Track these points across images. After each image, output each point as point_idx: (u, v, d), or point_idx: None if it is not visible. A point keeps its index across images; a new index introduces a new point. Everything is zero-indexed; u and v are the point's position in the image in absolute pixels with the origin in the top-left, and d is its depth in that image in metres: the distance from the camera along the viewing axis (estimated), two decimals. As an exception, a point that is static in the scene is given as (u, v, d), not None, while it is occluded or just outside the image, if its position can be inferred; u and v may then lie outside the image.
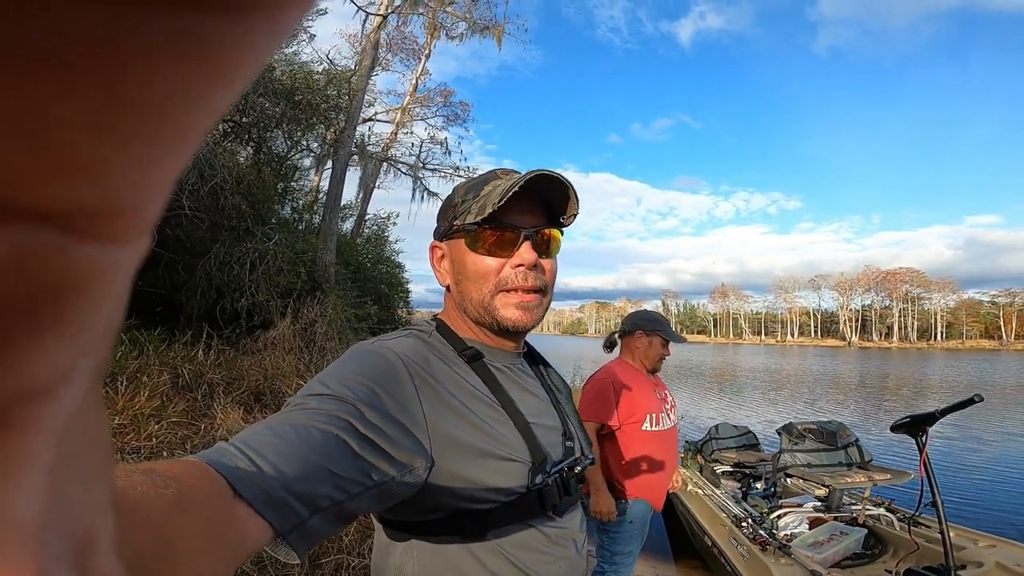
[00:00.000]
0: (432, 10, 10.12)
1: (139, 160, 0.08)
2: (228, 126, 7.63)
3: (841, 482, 3.25)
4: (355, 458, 0.53)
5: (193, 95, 0.08)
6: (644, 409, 2.22)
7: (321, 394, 0.57)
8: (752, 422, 8.42)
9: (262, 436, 0.49)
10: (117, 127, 0.08)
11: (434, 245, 0.82)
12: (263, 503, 0.43)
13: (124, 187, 0.08)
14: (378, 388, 0.61)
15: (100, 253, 0.09)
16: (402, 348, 0.70)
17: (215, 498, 0.40)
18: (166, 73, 0.08)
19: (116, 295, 0.10)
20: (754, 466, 4.35)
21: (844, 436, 3.69)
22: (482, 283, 0.75)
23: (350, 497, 0.52)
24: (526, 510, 0.71)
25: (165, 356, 4.46)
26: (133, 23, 0.07)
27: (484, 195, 0.74)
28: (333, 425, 0.53)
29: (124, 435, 2.72)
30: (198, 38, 0.08)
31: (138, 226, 0.09)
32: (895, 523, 3.10)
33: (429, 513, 0.67)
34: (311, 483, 0.48)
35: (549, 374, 0.92)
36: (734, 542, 3.04)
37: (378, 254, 12.66)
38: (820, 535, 2.98)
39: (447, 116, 14.78)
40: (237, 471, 0.43)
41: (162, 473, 0.35)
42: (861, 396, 17.40)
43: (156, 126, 0.08)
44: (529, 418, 0.75)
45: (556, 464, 0.75)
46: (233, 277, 6.23)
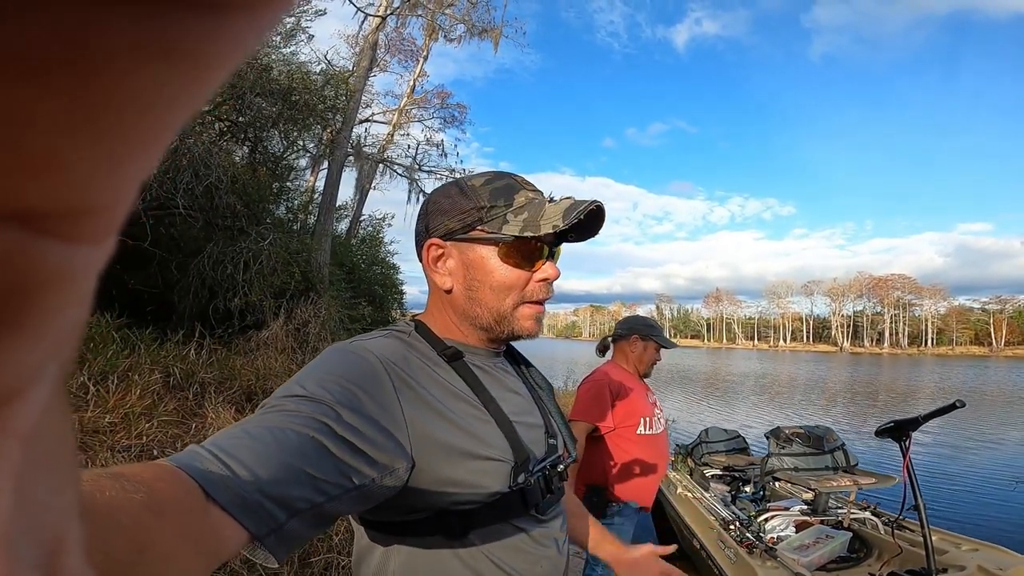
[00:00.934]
0: (431, 12, 10.16)
1: (108, 159, 0.08)
2: (224, 125, 7.62)
3: (827, 485, 3.29)
4: (333, 460, 0.53)
5: (166, 94, 0.08)
6: (639, 413, 2.25)
7: (297, 395, 0.57)
8: (742, 425, 8.48)
9: (236, 439, 0.48)
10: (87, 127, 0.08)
11: (433, 243, 0.77)
12: (237, 507, 0.43)
13: (93, 187, 0.08)
14: (356, 389, 0.60)
15: (68, 253, 0.09)
16: (380, 348, 0.69)
17: (187, 502, 0.40)
18: (138, 72, 0.08)
19: (82, 295, 0.10)
20: (743, 470, 4.38)
21: (831, 440, 3.74)
22: (506, 294, 0.75)
23: (329, 499, 0.52)
24: (509, 509, 0.71)
25: (157, 355, 4.45)
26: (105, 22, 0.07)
27: (523, 207, 0.74)
28: (309, 427, 0.52)
29: (115, 433, 2.72)
30: (172, 37, 0.08)
31: (106, 226, 0.09)
32: (880, 527, 3.14)
33: (411, 513, 0.67)
34: (287, 486, 0.48)
35: (531, 372, 0.91)
36: (722, 544, 3.08)
37: (373, 255, 12.65)
38: (806, 538, 3.01)
39: (444, 118, 14.87)
40: (209, 475, 0.43)
41: (131, 477, 0.34)
42: (850, 401, 17.54)
43: (127, 125, 0.08)
44: (511, 416, 0.74)
45: (539, 462, 0.75)
46: (226, 276, 6.22)
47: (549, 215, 0.72)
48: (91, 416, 2.78)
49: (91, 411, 2.82)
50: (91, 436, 2.65)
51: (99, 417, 2.80)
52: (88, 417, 2.77)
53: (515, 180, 0.78)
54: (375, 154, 12.61)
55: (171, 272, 6.46)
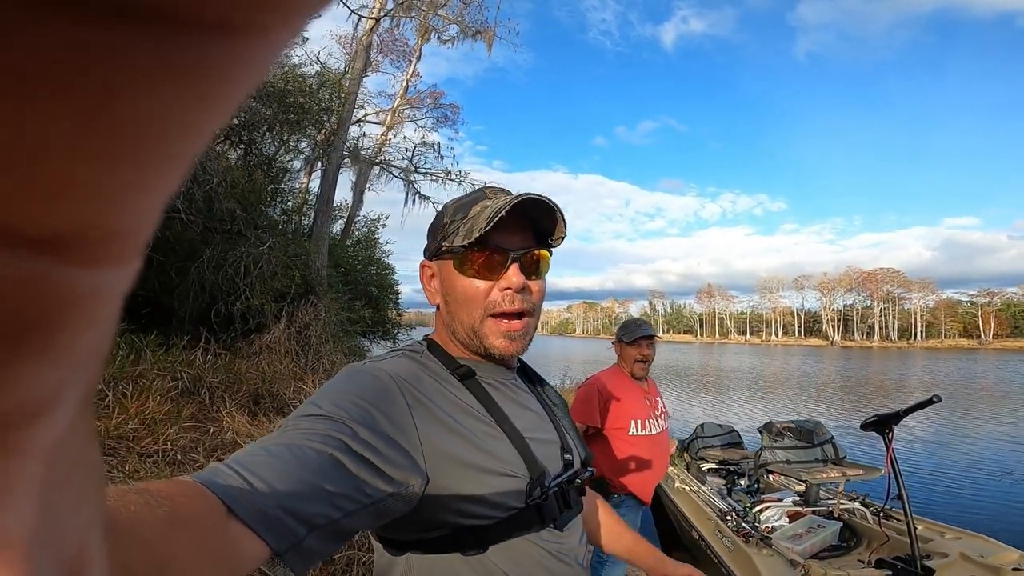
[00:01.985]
0: (424, 13, 10.20)
1: (129, 184, 0.08)
2: (220, 128, 7.63)
3: (817, 477, 3.44)
4: (350, 476, 0.54)
5: (185, 118, 0.08)
6: (628, 416, 2.38)
7: (314, 415, 0.58)
8: (734, 418, 8.66)
9: (256, 456, 0.50)
10: (107, 151, 0.08)
11: (424, 264, 0.81)
12: (258, 522, 0.44)
13: (114, 211, 0.08)
14: (371, 407, 0.61)
15: (91, 277, 0.09)
16: (394, 368, 0.70)
17: (209, 517, 0.41)
18: (158, 96, 0.08)
19: (107, 317, 0.10)
20: (738, 463, 4.53)
21: (820, 434, 3.89)
22: (471, 307, 0.75)
23: (346, 515, 0.53)
24: (525, 525, 0.71)
25: (164, 361, 4.51)
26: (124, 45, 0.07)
27: (472, 217, 0.73)
28: (327, 444, 0.54)
29: (140, 439, 2.80)
30: (190, 60, 0.08)
31: (129, 249, 0.09)
32: (868, 516, 3.28)
33: (427, 531, 0.67)
34: (306, 502, 0.49)
35: (545, 390, 0.92)
36: (719, 535, 3.21)
37: (368, 256, 12.70)
38: (799, 528, 3.15)
39: (437, 118, 14.88)
40: (231, 490, 0.44)
41: (155, 493, 0.35)
42: (840, 396, 17.82)
43: (147, 149, 0.08)
44: (525, 433, 0.75)
45: (555, 478, 0.75)
46: (227, 280, 6.25)
47: (481, 219, 0.71)
48: (116, 423, 2.87)
49: (115, 418, 2.90)
50: (117, 442, 2.72)
51: (123, 423, 2.88)
52: (113, 424, 2.85)
53: (483, 192, 0.78)
54: (371, 156, 12.64)
55: (169, 276, 6.49)
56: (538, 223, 0.77)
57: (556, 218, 0.74)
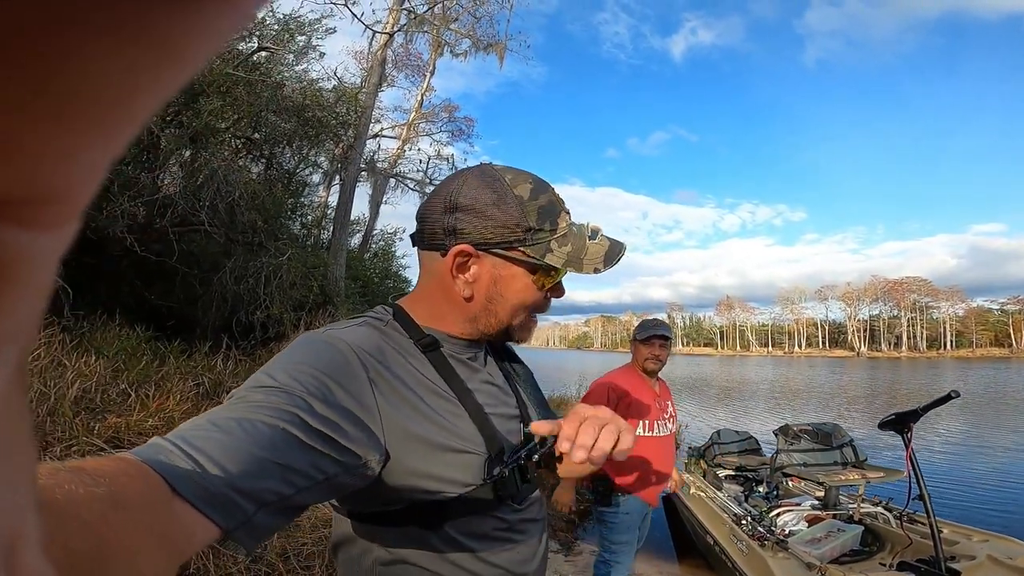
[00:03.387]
0: (437, 28, 10.43)
1: (70, 146, 0.08)
2: (241, 142, 7.89)
3: (836, 480, 3.36)
4: (303, 452, 0.52)
5: (134, 82, 0.08)
6: (638, 416, 2.39)
7: (267, 386, 0.55)
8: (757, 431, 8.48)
9: (203, 431, 0.47)
10: (49, 112, 0.07)
11: (463, 250, 0.72)
12: (204, 501, 0.43)
13: (53, 173, 0.08)
14: (328, 380, 0.59)
15: (27, 239, 0.08)
16: (355, 338, 0.67)
17: (152, 496, 0.39)
18: (106, 58, 0.07)
19: (41, 283, 0.09)
20: (755, 470, 4.44)
21: (839, 436, 3.80)
22: (522, 312, 0.76)
23: (299, 491, 0.51)
24: (484, 501, 0.70)
25: (187, 366, 4.64)
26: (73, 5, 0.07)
27: (565, 236, 0.74)
28: (280, 419, 0.52)
29: (157, 434, 2.87)
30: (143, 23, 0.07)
31: (65, 212, 0.09)
32: (891, 520, 3.19)
33: (386, 505, 0.67)
34: (256, 479, 0.47)
35: (512, 364, 0.91)
36: (734, 538, 3.15)
37: (386, 269, 12.88)
38: (818, 532, 3.08)
39: (452, 131, 15.13)
40: (175, 469, 0.42)
41: (92, 471, 0.33)
42: (866, 402, 17.33)
43: (91, 112, 0.08)
44: (486, 408, 0.74)
45: (514, 452, 0.73)
46: (248, 291, 6.42)
47: (592, 255, 0.74)
48: (137, 419, 2.97)
49: (136, 415, 3.00)
50: (137, 437, 2.82)
51: (143, 420, 2.99)
52: (134, 420, 2.95)
53: (554, 197, 0.76)
54: (387, 169, 12.87)
55: (194, 287, 6.68)
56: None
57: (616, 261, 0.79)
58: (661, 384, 2.63)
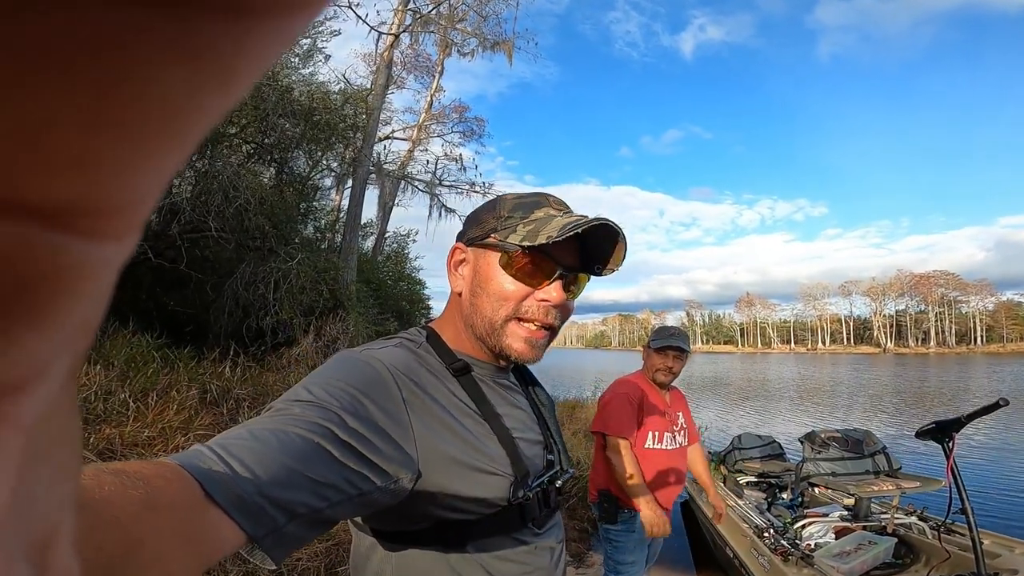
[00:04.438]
0: (443, 28, 10.37)
1: (131, 160, 0.08)
2: (251, 147, 7.91)
3: (868, 491, 3.16)
4: (336, 466, 0.53)
5: (193, 98, 0.08)
6: (647, 427, 2.24)
7: (304, 400, 0.57)
8: (781, 433, 8.22)
9: (240, 440, 0.48)
10: (114, 128, 0.08)
11: (458, 247, 0.79)
12: (236, 507, 0.43)
13: (114, 185, 0.08)
14: (363, 397, 0.60)
15: (86, 249, 0.09)
16: (390, 358, 0.68)
17: (186, 500, 0.40)
18: (166, 75, 0.08)
19: (99, 292, 0.10)
20: (779, 476, 4.25)
21: (870, 444, 3.58)
22: (500, 305, 0.74)
23: (331, 505, 0.52)
24: (507, 523, 0.72)
25: (195, 373, 4.62)
26: (137, 23, 0.07)
27: (536, 220, 0.73)
28: (315, 432, 0.53)
29: (153, 447, 2.83)
30: (202, 42, 0.08)
31: (127, 224, 0.09)
32: (927, 531, 3.00)
33: (411, 523, 0.67)
34: (289, 489, 0.48)
35: (535, 390, 0.92)
36: (755, 552, 2.98)
37: (399, 271, 12.87)
38: (846, 545, 2.89)
39: (463, 132, 15.04)
40: (210, 474, 0.43)
41: (131, 474, 0.35)
42: (896, 404, 16.79)
43: (152, 127, 0.08)
44: (514, 432, 0.75)
45: (538, 477, 0.76)
46: (258, 296, 6.42)
47: (550, 227, 0.70)
48: (131, 431, 2.90)
49: (131, 426, 2.94)
50: (130, 449, 2.76)
51: (138, 431, 2.92)
52: (128, 431, 2.89)
53: (545, 198, 0.77)
54: (396, 171, 12.86)
55: (207, 293, 6.71)
56: (590, 247, 0.77)
57: (617, 247, 0.74)
58: (674, 393, 2.45)
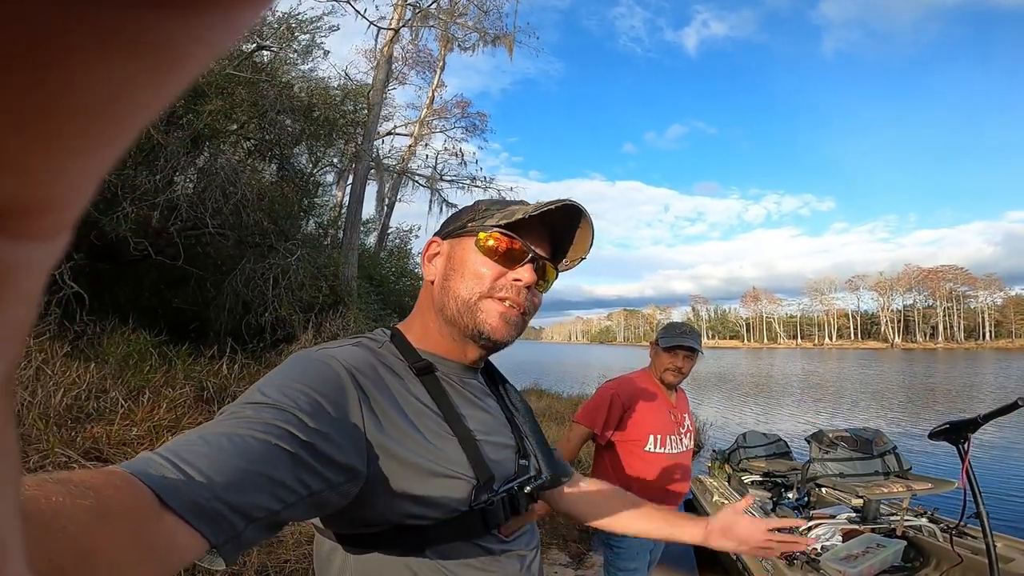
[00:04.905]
0: (443, 22, 10.26)
1: (61, 156, 0.08)
2: (252, 144, 7.85)
3: (876, 492, 3.06)
4: (291, 467, 0.52)
5: (127, 92, 0.08)
6: (647, 429, 2.10)
7: (258, 403, 0.56)
8: (787, 433, 8.12)
9: (193, 445, 0.47)
10: (39, 121, 0.07)
11: (433, 241, 0.82)
12: (193, 514, 0.42)
13: (44, 183, 0.08)
14: (318, 397, 0.59)
15: (19, 250, 0.08)
16: (347, 357, 0.68)
17: (139, 509, 0.39)
18: (98, 68, 0.07)
19: (29, 294, 0.09)
20: (785, 475, 4.15)
21: (880, 444, 3.48)
22: (475, 283, 0.74)
23: (286, 507, 0.51)
24: (467, 528, 0.70)
25: (191, 370, 4.57)
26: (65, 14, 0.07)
27: (511, 209, 0.76)
28: (270, 434, 0.52)
29: (140, 446, 2.77)
30: (136, 33, 0.07)
31: (55, 224, 0.09)
32: (938, 534, 2.91)
33: (367, 527, 0.66)
34: (246, 493, 0.47)
35: (508, 392, 0.90)
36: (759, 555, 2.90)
37: (401, 267, 12.81)
38: (854, 548, 2.80)
39: (465, 128, 14.95)
40: (164, 481, 0.42)
41: (79, 483, 0.34)
42: (906, 401, 16.61)
43: (83, 122, 0.08)
44: (477, 435, 0.73)
45: (505, 483, 0.74)
46: (257, 292, 6.38)
47: (524, 209, 0.74)
48: (118, 429, 2.84)
49: (118, 424, 2.89)
50: (117, 448, 2.71)
51: (126, 430, 2.87)
52: (115, 430, 2.83)
53: (523, 203, 0.80)
54: (396, 166, 12.78)
55: (208, 290, 6.68)
56: (559, 240, 0.80)
57: (583, 234, 0.79)
58: (679, 394, 2.34)
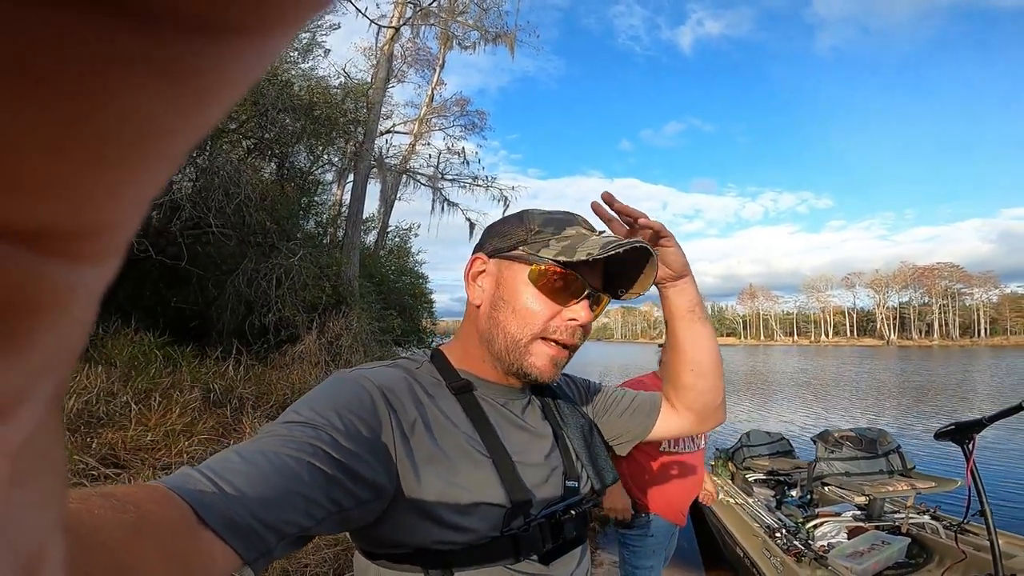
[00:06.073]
0: (444, 21, 10.25)
1: (114, 182, 0.08)
2: (251, 143, 7.83)
3: (882, 491, 3.11)
4: (323, 484, 0.53)
5: (175, 118, 0.08)
6: None
7: (292, 421, 0.57)
8: (786, 429, 8.16)
9: (230, 463, 0.49)
10: (92, 148, 0.08)
11: (478, 258, 0.76)
12: (228, 530, 0.43)
13: (93, 207, 0.08)
14: (351, 416, 0.60)
15: (70, 272, 0.09)
16: (381, 378, 0.67)
17: (177, 524, 0.40)
18: (148, 96, 0.08)
19: (81, 316, 0.09)
20: (788, 473, 4.20)
21: (885, 443, 3.52)
22: (527, 322, 0.70)
23: (317, 523, 0.52)
24: (496, 555, 0.66)
25: (197, 372, 4.57)
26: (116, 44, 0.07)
27: (570, 237, 0.71)
28: (303, 451, 0.53)
29: (156, 451, 2.79)
30: (179, 60, 0.08)
31: (106, 247, 0.09)
32: (941, 531, 2.95)
33: (392, 547, 0.65)
34: (280, 510, 0.48)
35: (558, 405, 0.84)
36: (767, 553, 2.94)
37: (402, 266, 12.80)
38: (860, 545, 2.85)
39: (464, 126, 14.92)
40: (201, 497, 0.43)
41: (121, 497, 0.35)
42: (903, 399, 16.71)
43: (133, 149, 0.08)
44: (515, 456, 0.70)
45: (549, 507, 0.70)
46: (261, 293, 6.37)
47: (588, 244, 0.69)
48: (133, 435, 2.86)
49: (133, 430, 2.90)
50: (133, 454, 2.71)
51: (141, 435, 2.88)
52: (131, 436, 2.84)
53: (574, 216, 0.77)
54: (398, 165, 12.77)
55: (209, 290, 6.67)
56: (612, 268, 0.76)
57: (649, 275, 0.74)
58: None
